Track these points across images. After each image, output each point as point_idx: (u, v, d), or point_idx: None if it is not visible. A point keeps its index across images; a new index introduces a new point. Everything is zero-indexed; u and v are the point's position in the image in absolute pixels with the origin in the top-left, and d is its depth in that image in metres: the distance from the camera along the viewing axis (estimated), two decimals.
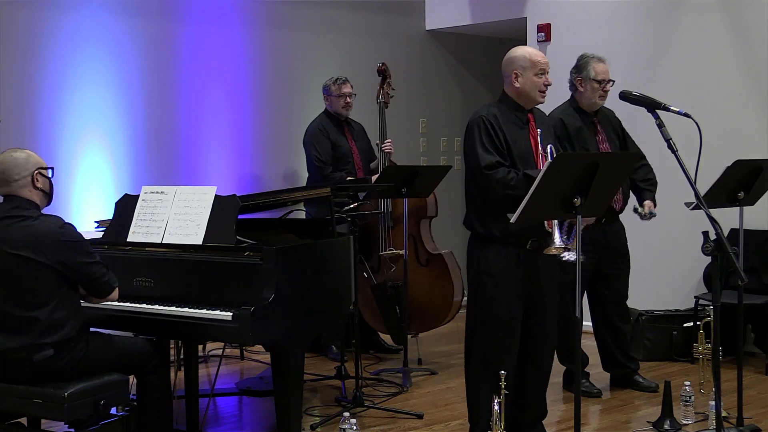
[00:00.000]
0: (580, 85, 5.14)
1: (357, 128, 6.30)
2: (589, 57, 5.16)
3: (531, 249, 4.00)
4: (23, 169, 3.70)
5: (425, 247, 6.02)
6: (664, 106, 4.23)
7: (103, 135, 6.23)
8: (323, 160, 6.05)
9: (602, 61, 5.15)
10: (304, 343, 4.17)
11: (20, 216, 3.65)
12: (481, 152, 3.95)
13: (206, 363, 6.04)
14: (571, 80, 5.20)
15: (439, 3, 7.89)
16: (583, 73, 5.12)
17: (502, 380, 3.73)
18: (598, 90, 5.08)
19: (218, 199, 4.08)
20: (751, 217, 5.23)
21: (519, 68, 4.04)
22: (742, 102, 6.26)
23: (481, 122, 3.99)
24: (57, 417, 3.66)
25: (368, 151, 6.31)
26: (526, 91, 4.04)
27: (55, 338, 3.60)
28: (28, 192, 3.71)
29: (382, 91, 6.27)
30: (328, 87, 6.16)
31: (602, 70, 5.11)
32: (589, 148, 5.01)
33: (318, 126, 6.15)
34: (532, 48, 4.16)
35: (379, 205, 5.91)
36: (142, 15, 6.40)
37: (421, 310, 5.99)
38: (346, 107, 6.12)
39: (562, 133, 5.00)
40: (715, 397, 4.04)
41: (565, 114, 5.11)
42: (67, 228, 3.68)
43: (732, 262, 3.84)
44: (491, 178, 3.91)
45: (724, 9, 6.31)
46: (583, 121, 5.12)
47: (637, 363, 5.42)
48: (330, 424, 4.66)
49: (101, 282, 3.74)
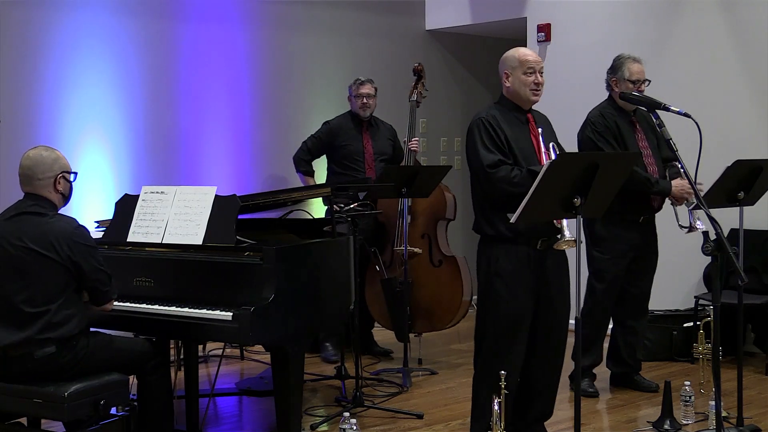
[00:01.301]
0: (616, 85, 5.11)
1: (382, 130, 6.33)
2: (624, 58, 5.13)
3: (541, 249, 4.00)
4: (48, 170, 3.76)
5: (440, 248, 6.04)
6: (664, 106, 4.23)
7: (103, 134, 6.23)
8: (309, 147, 6.22)
9: (637, 62, 5.12)
10: (304, 343, 4.17)
11: (38, 213, 3.71)
12: (483, 152, 3.95)
13: (206, 363, 6.04)
14: (606, 80, 5.19)
15: (439, 3, 7.89)
16: (618, 73, 5.10)
17: (502, 380, 3.73)
18: (633, 90, 4.99)
19: (218, 199, 4.08)
20: (751, 217, 5.23)
21: (509, 68, 4.07)
22: (742, 102, 6.26)
23: (480, 123, 4.00)
24: (57, 417, 3.66)
25: (388, 153, 6.31)
26: (517, 90, 4.05)
27: (58, 335, 3.61)
28: (48, 192, 3.77)
29: (416, 90, 6.31)
30: (350, 87, 6.25)
31: (637, 71, 5.08)
32: (629, 146, 4.99)
33: (332, 123, 6.25)
34: (524, 48, 4.16)
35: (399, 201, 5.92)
36: (143, 14, 6.40)
37: (428, 311, 6.01)
38: (363, 108, 6.15)
39: (614, 129, 5.01)
40: (715, 397, 4.04)
41: (605, 112, 5.10)
42: (81, 230, 3.74)
43: (732, 262, 3.84)
44: (494, 177, 3.91)
45: (724, 9, 6.31)
46: (623, 120, 5.08)
47: (640, 365, 5.40)
48: (330, 424, 4.66)
49: (102, 291, 3.79)
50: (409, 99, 6.33)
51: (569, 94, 6.87)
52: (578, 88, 6.85)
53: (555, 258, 4.05)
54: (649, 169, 5.01)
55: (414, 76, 6.37)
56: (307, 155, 6.27)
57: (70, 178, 3.84)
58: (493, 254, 4.02)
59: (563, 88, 6.93)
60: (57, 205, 3.81)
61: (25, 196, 3.80)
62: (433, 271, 6.02)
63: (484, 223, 4.06)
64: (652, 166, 5.03)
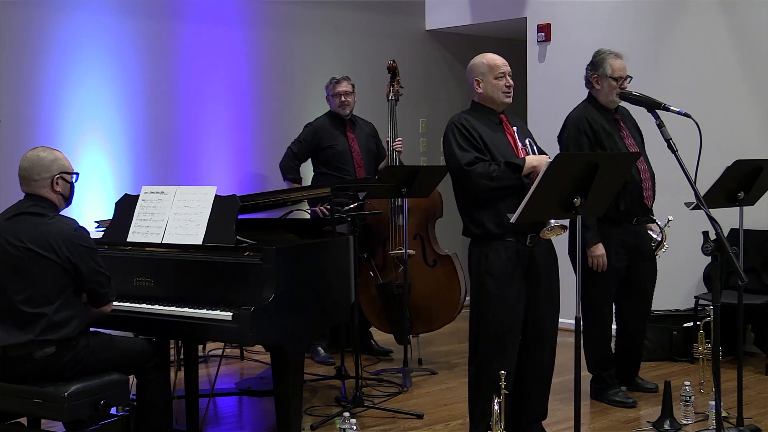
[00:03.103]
0: (597, 82, 4.97)
1: (363, 127, 6.30)
2: (605, 53, 4.97)
3: (530, 245, 4.02)
4: (45, 171, 3.75)
5: (433, 248, 6.03)
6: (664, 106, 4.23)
7: (103, 134, 6.23)
8: (295, 152, 6.17)
9: (619, 57, 4.97)
10: (304, 343, 4.17)
11: (37, 214, 3.71)
12: (459, 152, 4.01)
13: (206, 363, 6.04)
14: (586, 77, 5.03)
15: (439, 3, 7.89)
16: (599, 70, 4.95)
17: (502, 380, 3.74)
18: (615, 87, 4.90)
19: (218, 199, 4.08)
20: (751, 217, 5.22)
21: (479, 75, 4.13)
22: (742, 102, 6.25)
23: (453, 126, 4.08)
24: (57, 417, 3.66)
25: (373, 150, 6.30)
26: (490, 95, 4.11)
27: (57, 336, 3.61)
28: (47, 193, 3.76)
29: (392, 88, 6.28)
30: (327, 86, 6.18)
31: (619, 67, 4.94)
32: (617, 145, 4.88)
33: (314, 125, 6.20)
34: (491, 54, 4.20)
35: (389, 201, 5.91)
36: (143, 14, 6.40)
37: (426, 311, 6.00)
38: (342, 106, 6.11)
39: (589, 132, 4.89)
40: (715, 397, 4.04)
41: (587, 113, 4.96)
42: (80, 232, 3.73)
43: (732, 262, 3.84)
44: (473, 173, 3.97)
45: (724, 9, 6.31)
46: (605, 119, 4.96)
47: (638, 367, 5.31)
48: (330, 424, 4.66)
49: (100, 293, 3.78)
50: (387, 98, 6.28)
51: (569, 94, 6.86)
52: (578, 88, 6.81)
53: (545, 255, 4.09)
54: (639, 167, 4.89)
55: (388, 74, 6.31)
56: (294, 161, 6.20)
57: (69, 179, 3.82)
58: (482, 253, 4.05)
59: (563, 88, 6.92)
60: (57, 205, 3.80)
61: (25, 196, 3.80)
62: (429, 271, 6.00)
63: (469, 223, 4.10)
64: (642, 164, 4.92)
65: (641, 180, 4.92)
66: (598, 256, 4.85)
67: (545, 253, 4.11)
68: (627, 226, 4.96)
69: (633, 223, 4.97)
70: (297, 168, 6.26)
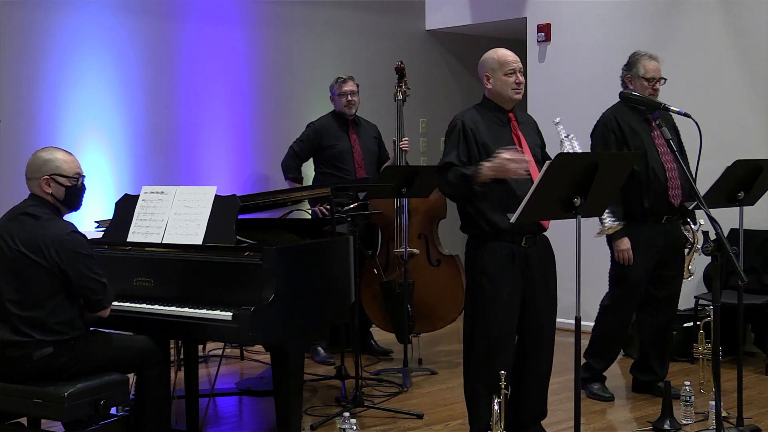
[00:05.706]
0: (630, 82, 4.96)
1: (367, 128, 6.30)
2: (640, 54, 4.99)
3: (526, 246, 4.02)
4: (36, 171, 3.74)
5: (437, 248, 6.04)
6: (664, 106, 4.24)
7: (103, 134, 6.23)
8: (296, 151, 6.17)
9: (654, 59, 4.97)
10: (304, 343, 4.17)
11: (33, 215, 3.69)
12: (445, 150, 4.03)
13: (206, 363, 6.04)
14: (621, 77, 5.03)
15: (439, 3, 7.89)
16: (633, 70, 4.96)
17: (502, 380, 3.73)
18: (647, 88, 4.88)
19: (218, 199, 4.08)
20: (751, 217, 5.22)
21: (489, 70, 4.09)
22: (742, 102, 6.25)
23: (455, 126, 4.05)
24: (57, 417, 3.66)
25: (375, 152, 6.30)
26: (499, 91, 4.08)
27: (54, 338, 3.61)
28: (42, 193, 3.75)
29: (400, 89, 6.29)
30: (332, 86, 6.18)
31: (652, 68, 4.93)
32: (645, 146, 4.85)
33: (317, 124, 6.19)
34: (503, 49, 4.15)
35: (395, 201, 5.91)
36: (143, 14, 6.40)
37: (429, 311, 6.00)
38: (348, 105, 6.11)
39: (617, 131, 4.88)
40: (715, 397, 4.04)
41: (618, 112, 4.95)
42: (74, 237, 3.67)
43: (732, 262, 3.84)
44: (439, 176, 4.02)
45: (724, 9, 6.31)
46: (637, 119, 4.93)
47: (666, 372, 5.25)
48: (330, 424, 4.66)
49: (93, 300, 3.73)
50: (395, 98, 6.29)
51: (569, 94, 6.88)
52: (578, 88, 6.86)
53: (541, 256, 4.09)
54: (666, 166, 4.87)
55: (396, 75, 6.32)
56: (296, 160, 6.21)
57: (65, 182, 3.75)
58: (478, 252, 4.05)
59: (563, 88, 6.94)
60: (57, 207, 3.76)
61: (29, 195, 3.79)
62: (433, 271, 6.01)
63: (465, 222, 4.10)
64: (669, 163, 4.87)
65: (667, 179, 4.87)
66: (623, 251, 4.88)
67: (542, 254, 4.10)
68: (656, 224, 4.92)
69: (663, 222, 4.94)
70: (298, 167, 6.26)
